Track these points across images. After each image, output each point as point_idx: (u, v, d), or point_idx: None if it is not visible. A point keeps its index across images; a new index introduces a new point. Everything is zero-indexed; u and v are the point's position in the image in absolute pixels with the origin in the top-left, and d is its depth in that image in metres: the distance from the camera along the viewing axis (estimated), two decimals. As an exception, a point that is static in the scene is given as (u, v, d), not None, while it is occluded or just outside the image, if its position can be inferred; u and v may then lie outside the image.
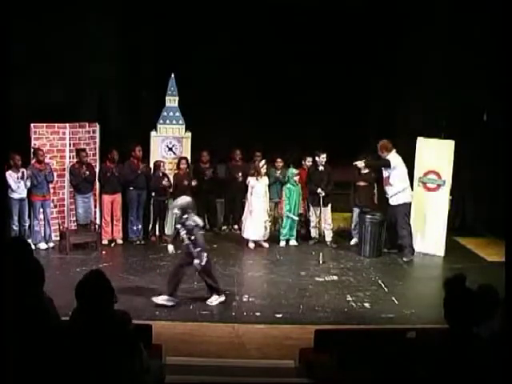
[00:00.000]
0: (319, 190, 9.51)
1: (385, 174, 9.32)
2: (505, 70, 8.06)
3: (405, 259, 9.14)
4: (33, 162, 9.07)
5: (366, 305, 7.34)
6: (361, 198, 9.70)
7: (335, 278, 8.31)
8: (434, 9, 10.25)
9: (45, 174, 9.01)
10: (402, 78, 11.77)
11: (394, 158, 9.21)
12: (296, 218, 9.66)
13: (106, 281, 3.53)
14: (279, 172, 9.98)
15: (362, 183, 9.70)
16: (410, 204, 9.28)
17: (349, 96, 12.04)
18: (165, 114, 10.11)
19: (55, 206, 9.53)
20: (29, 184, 8.87)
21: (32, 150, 9.16)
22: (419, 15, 10.67)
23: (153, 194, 9.74)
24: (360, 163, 9.41)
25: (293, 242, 9.79)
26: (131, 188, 9.60)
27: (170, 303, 7.03)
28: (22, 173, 8.78)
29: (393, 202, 9.23)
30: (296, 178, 9.59)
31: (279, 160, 10.07)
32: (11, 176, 8.66)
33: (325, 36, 11.63)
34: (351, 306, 7.29)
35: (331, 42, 11.65)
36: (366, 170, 9.59)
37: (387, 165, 9.20)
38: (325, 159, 9.65)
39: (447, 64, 10.28)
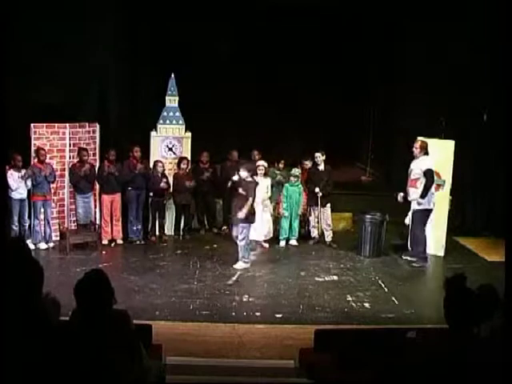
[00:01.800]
0: (317, 190, 9.52)
1: (414, 175, 8.82)
2: (505, 70, 8.07)
3: (415, 265, 8.85)
4: (34, 161, 9.07)
5: (366, 305, 7.33)
6: (236, 209, 8.45)
7: (335, 277, 8.31)
8: (433, 8, 10.25)
9: (45, 173, 9.00)
10: (402, 77, 11.79)
11: (430, 162, 8.81)
12: (286, 215, 9.58)
13: (106, 280, 3.54)
14: (279, 172, 9.97)
15: (240, 190, 8.43)
16: (430, 211, 8.89)
17: (348, 96, 12.05)
18: (165, 114, 10.10)
19: (55, 206, 9.53)
20: (29, 184, 8.87)
21: (35, 149, 9.15)
22: (419, 15, 10.67)
23: (151, 194, 9.74)
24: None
25: (293, 242, 9.79)
26: (130, 188, 9.60)
27: None
28: (24, 173, 8.78)
29: (413, 206, 8.87)
30: (293, 179, 9.58)
31: (282, 161, 10.04)
32: (12, 175, 8.66)
33: (324, 36, 11.64)
34: (351, 306, 7.28)
35: (331, 42, 11.67)
36: (250, 179, 8.44)
37: (432, 177, 8.76)
38: (321, 157, 9.62)
39: (447, 64, 10.28)
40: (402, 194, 9.04)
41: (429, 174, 8.76)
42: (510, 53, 7.32)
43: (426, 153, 8.84)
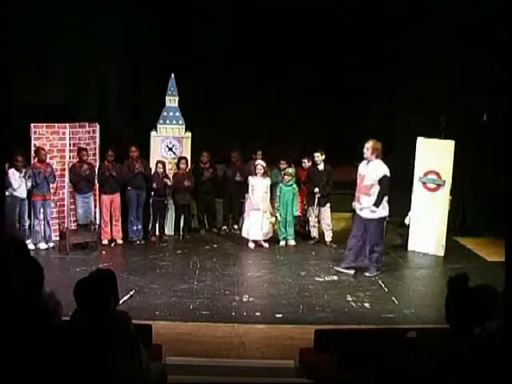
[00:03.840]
0: (316, 190, 9.52)
1: (367, 181, 8.12)
2: (505, 70, 8.05)
3: (367, 274, 8.31)
4: (34, 161, 9.06)
5: (366, 305, 7.33)
6: None
7: (335, 278, 8.31)
8: (434, 9, 10.24)
9: (45, 174, 9.00)
10: (402, 77, 11.78)
11: (384, 166, 8.09)
12: (277, 215, 9.55)
13: (108, 280, 3.53)
14: (282, 173, 9.95)
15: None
16: (385, 218, 8.35)
17: (349, 96, 12.04)
18: (165, 114, 10.09)
19: (55, 206, 9.52)
20: (29, 184, 8.86)
21: (35, 149, 9.14)
22: (419, 15, 10.67)
23: (152, 193, 9.74)
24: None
25: (291, 242, 9.77)
26: (130, 188, 9.60)
27: None
28: (24, 173, 8.77)
29: (366, 214, 8.13)
30: (287, 177, 9.57)
31: (283, 162, 10.02)
32: (14, 175, 8.64)
33: (325, 36, 11.63)
34: (351, 306, 7.28)
35: (331, 41, 11.65)
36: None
37: (387, 185, 8.02)
38: (320, 158, 9.60)
39: (447, 64, 10.28)
40: (356, 204, 8.31)
41: (384, 181, 7.99)
42: (510, 52, 7.32)
43: (379, 155, 8.09)
